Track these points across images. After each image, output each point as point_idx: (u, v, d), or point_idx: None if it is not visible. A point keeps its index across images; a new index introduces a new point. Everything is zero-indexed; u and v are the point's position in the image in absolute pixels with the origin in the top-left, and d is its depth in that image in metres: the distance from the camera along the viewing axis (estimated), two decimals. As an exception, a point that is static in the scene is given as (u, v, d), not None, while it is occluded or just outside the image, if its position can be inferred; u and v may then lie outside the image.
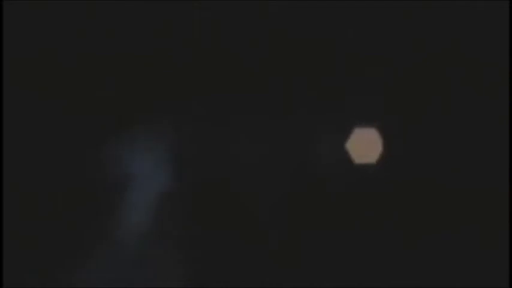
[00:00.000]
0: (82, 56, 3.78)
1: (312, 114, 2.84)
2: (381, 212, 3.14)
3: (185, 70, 3.84)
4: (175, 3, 3.75)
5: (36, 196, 3.10)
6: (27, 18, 3.70)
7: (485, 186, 3.68)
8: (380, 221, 3.55)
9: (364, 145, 2.32)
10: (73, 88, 3.44)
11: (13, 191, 3.19)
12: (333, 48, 3.81)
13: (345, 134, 2.36)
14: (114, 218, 2.74)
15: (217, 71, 3.78)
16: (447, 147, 3.77)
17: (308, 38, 3.68)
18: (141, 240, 2.76)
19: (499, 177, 3.66)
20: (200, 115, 2.97)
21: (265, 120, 2.94)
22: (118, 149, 2.92)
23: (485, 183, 3.70)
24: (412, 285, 3.51)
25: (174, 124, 2.85)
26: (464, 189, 3.73)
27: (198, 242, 2.83)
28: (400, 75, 3.81)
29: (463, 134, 3.77)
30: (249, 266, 2.91)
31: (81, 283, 2.78)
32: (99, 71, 3.34)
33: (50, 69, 3.77)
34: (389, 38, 3.80)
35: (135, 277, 2.74)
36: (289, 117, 2.89)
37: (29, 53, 3.74)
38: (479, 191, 3.70)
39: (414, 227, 3.70)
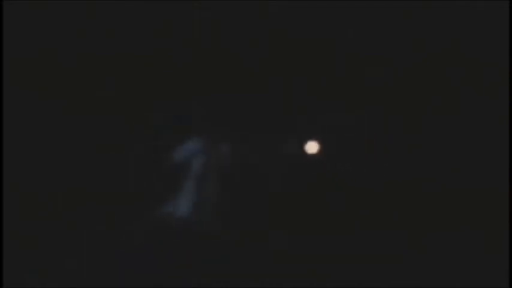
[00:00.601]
0: (83, 55, 3.79)
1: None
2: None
3: (187, 72, 3.85)
4: (175, 3, 3.76)
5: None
6: (27, 18, 3.70)
7: (484, 185, 3.69)
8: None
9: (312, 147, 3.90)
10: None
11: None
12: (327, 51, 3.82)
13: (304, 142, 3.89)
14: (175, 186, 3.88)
15: (221, 73, 3.81)
16: (445, 149, 3.77)
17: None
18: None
19: (498, 176, 3.67)
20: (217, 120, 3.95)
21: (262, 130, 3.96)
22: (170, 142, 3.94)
23: (485, 182, 3.70)
24: (412, 285, 3.52)
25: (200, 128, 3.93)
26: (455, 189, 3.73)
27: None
28: (401, 75, 3.82)
29: (462, 134, 3.78)
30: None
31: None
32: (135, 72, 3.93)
33: (51, 69, 3.78)
34: (390, 38, 3.81)
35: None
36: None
37: (29, 53, 3.75)
38: (477, 190, 3.70)
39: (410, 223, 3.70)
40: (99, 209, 3.75)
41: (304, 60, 3.83)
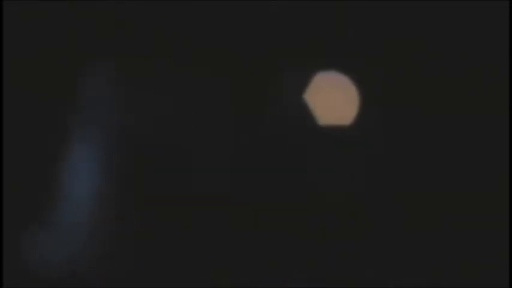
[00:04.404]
0: (83, 55, 3.81)
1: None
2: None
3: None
4: (175, 3, 3.78)
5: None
6: (27, 18, 3.73)
7: (484, 178, 3.70)
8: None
9: (332, 98, 1.44)
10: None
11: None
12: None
13: (305, 81, 1.56)
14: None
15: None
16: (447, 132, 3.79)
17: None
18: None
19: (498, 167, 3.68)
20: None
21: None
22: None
23: (485, 175, 3.71)
24: (412, 285, 3.53)
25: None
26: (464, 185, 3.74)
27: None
28: (401, 74, 3.83)
29: (462, 134, 3.79)
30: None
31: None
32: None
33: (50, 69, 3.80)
34: (390, 38, 3.82)
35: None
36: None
37: (29, 53, 3.77)
38: (478, 182, 3.72)
39: (411, 222, 3.71)
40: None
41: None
